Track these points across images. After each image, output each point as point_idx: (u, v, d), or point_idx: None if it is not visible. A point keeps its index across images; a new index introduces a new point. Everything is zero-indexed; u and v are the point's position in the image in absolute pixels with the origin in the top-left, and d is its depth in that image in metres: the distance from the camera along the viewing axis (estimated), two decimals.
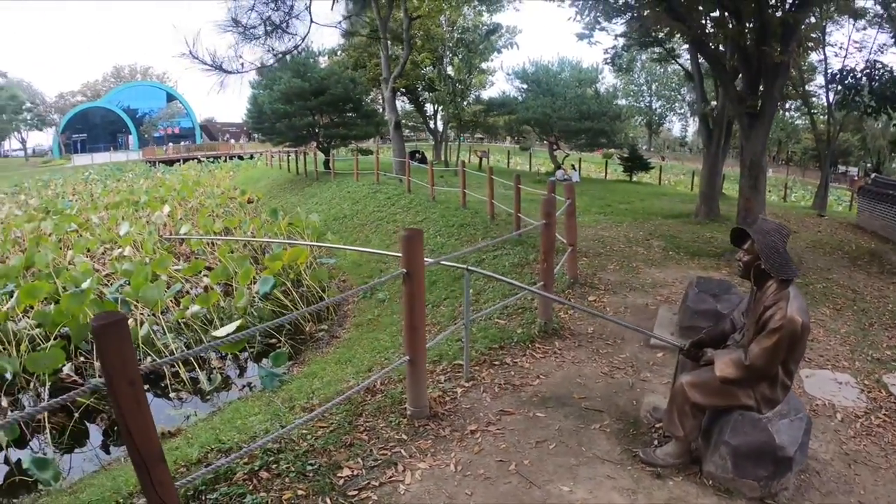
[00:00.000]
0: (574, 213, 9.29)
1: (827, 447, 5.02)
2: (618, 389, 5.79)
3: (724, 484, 4.21)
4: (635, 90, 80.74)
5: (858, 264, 12.60)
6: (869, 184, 22.59)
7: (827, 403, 5.79)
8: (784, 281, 3.95)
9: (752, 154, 11.57)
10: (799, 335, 3.87)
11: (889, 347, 7.66)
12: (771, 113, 11.52)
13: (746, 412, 4.17)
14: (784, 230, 4.09)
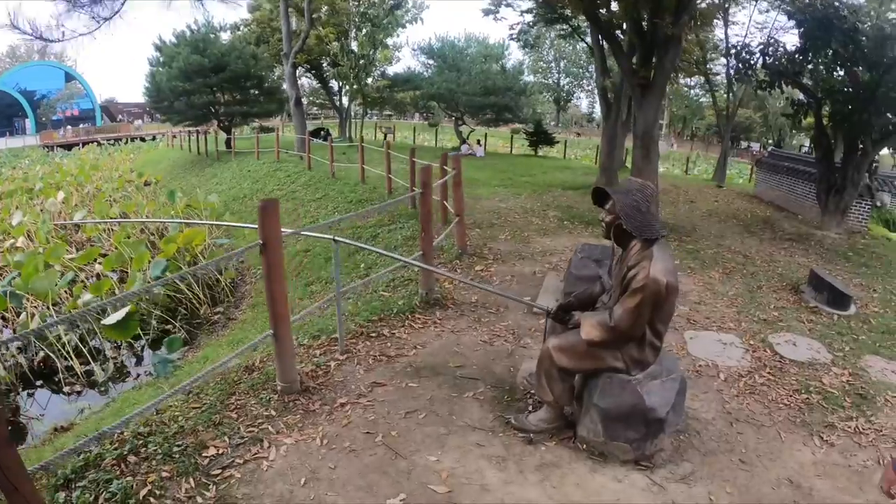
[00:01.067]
0: (460, 183, 9.18)
1: (709, 407, 5.04)
2: (496, 357, 5.70)
3: (598, 448, 4.16)
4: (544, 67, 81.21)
5: (752, 231, 12.99)
6: (766, 157, 23.42)
7: (710, 364, 5.84)
8: (648, 241, 3.84)
9: (645, 125, 11.68)
10: (663, 295, 3.77)
11: (776, 308, 7.83)
12: (662, 85, 11.63)
13: (615, 374, 4.08)
14: (647, 189, 3.98)
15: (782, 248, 11.66)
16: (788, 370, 5.96)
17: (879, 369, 6.45)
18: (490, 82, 36.40)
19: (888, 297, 9.40)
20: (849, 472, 4.43)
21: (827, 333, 7.19)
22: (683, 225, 12.64)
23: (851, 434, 4.99)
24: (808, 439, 4.77)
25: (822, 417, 5.15)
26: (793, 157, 20.30)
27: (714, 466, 4.24)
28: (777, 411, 5.08)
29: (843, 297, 8.10)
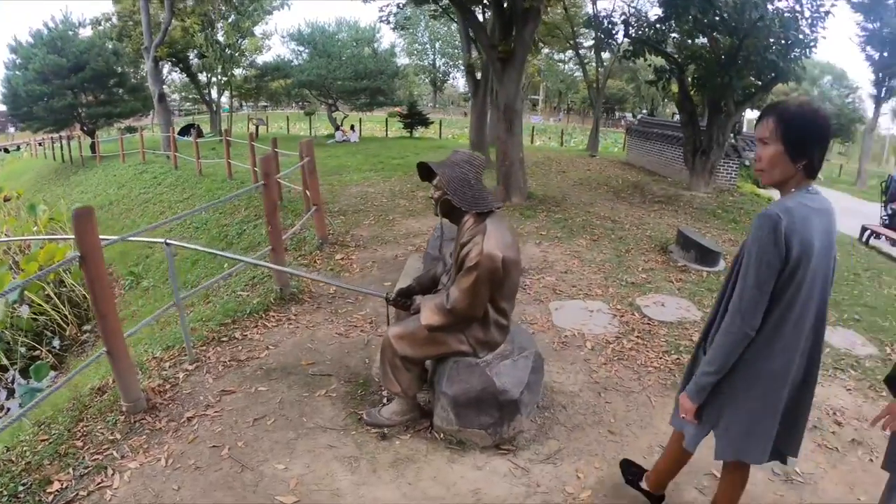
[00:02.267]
0: (314, 171, 8.81)
1: (576, 378, 4.88)
2: (351, 349, 5.38)
3: (454, 436, 3.92)
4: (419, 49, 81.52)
5: (622, 196, 13.19)
6: (636, 124, 24.05)
7: (577, 333, 5.68)
8: (481, 215, 3.62)
9: (506, 98, 11.61)
10: (500, 271, 3.53)
11: (644, 271, 7.82)
12: (522, 58, 11.57)
13: (462, 359, 3.84)
14: (476, 160, 3.75)
15: (652, 211, 11.85)
16: (657, 332, 5.90)
17: None
18: (362, 66, 35.97)
19: None
20: None
21: (696, 291, 7.22)
22: (553, 195, 12.63)
23: None
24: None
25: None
26: (661, 123, 21.00)
27: (581, 441, 4.06)
28: (646, 375, 4.97)
29: (711, 254, 8.19)
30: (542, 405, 4.38)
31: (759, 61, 12.71)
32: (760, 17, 11.91)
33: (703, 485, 3.73)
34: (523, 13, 10.95)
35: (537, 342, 5.31)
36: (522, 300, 6.42)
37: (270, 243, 6.62)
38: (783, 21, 12.21)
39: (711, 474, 3.81)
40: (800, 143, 2.35)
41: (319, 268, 7.76)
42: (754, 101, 14.24)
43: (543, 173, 16.44)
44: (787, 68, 12.72)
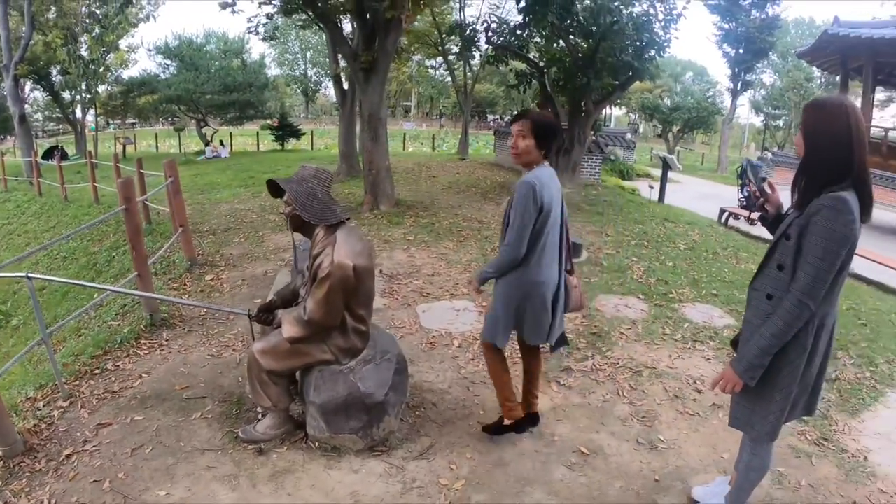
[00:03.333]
0: (179, 191, 8.62)
1: (445, 376, 5.03)
2: (224, 370, 5.34)
3: (328, 443, 3.98)
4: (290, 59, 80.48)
5: (489, 197, 13.53)
6: (503, 126, 24.62)
7: (444, 333, 5.83)
8: (331, 226, 3.74)
9: (370, 107, 11.70)
10: (352, 279, 3.65)
11: None
12: (385, 67, 11.68)
13: (327, 367, 3.93)
14: (323, 174, 3.84)
15: None
16: None
17: (613, 306, 6.90)
18: (231, 79, 35.38)
19: (620, 238, 10.14)
20: (589, 410, 4.62)
21: None
22: (422, 201, 12.78)
23: (588, 373, 5.24)
24: (546, 387, 4.90)
25: (558, 363, 5.34)
26: None
27: (453, 435, 4.21)
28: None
29: (574, 246, 8.47)
30: (412, 404, 4.51)
31: (615, 62, 13.34)
32: (615, 21, 12.52)
33: (572, 461, 3.97)
34: (385, 23, 11.07)
35: (406, 345, 5.47)
36: (391, 305, 6.54)
37: (136, 269, 6.47)
38: (637, 24, 12.88)
39: (579, 451, 4.06)
40: (543, 137, 3.64)
41: (189, 290, 7.61)
42: (612, 99, 14.97)
43: (414, 179, 16.59)
44: (642, 68, 13.44)
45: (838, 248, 2.51)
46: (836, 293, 2.71)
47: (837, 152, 2.55)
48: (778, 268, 2.74)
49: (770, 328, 2.67)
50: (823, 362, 2.89)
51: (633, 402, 4.82)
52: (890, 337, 7.54)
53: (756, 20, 34.20)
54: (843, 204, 2.49)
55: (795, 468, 4.21)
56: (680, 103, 46.28)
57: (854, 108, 2.58)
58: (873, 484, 4.17)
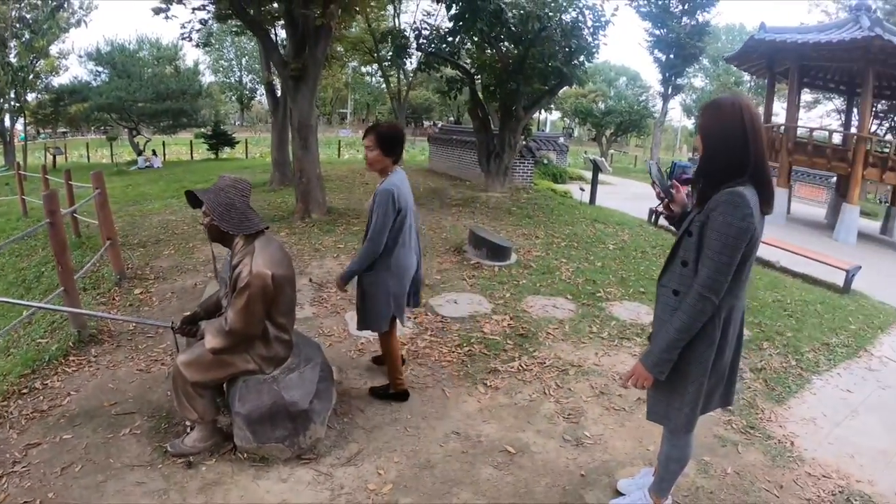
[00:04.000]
0: (106, 203, 8.46)
1: (373, 382, 5.08)
2: (153, 384, 5.26)
3: (256, 453, 3.97)
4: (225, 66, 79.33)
5: (422, 203, 13.58)
6: (437, 132, 24.79)
7: (373, 339, 5.80)
8: (249, 236, 3.77)
9: (300, 115, 11.64)
10: (272, 288, 3.68)
11: (439, 272, 8.14)
12: (315, 75, 11.65)
13: (251, 377, 3.93)
14: (241, 184, 3.85)
15: (450, 215, 12.28)
16: (450, 328, 6.21)
17: (540, 307, 7.02)
18: (164, 86, 34.77)
19: (549, 240, 10.31)
20: (515, 410, 4.70)
21: (488, 285, 7.64)
22: (354, 208, 12.76)
23: (515, 373, 5.33)
24: (472, 389, 4.98)
25: (484, 365, 5.42)
26: (460, 130, 21.86)
27: (380, 440, 4.24)
28: (440, 370, 5.23)
29: (502, 249, 8.69)
30: (340, 411, 4.52)
31: (544, 68, 13.54)
32: (543, 28, 12.72)
33: (499, 461, 4.03)
34: (315, 31, 11.05)
35: (335, 352, 5.48)
36: (320, 314, 6.53)
37: (62, 284, 6.36)
38: (565, 31, 13.12)
39: (505, 451, 4.13)
40: (388, 146, 4.35)
41: (118, 304, 7.44)
42: (542, 105, 15.22)
43: (347, 186, 16.54)
44: (571, 73, 13.64)
45: (736, 241, 2.59)
46: (740, 285, 2.80)
47: (733, 150, 2.65)
48: (682, 264, 2.82)
49: (675, 323, 2.75)
50: (735, 353, 3.00)
51: (560, 401, 4.91)
52: (815, 326, 7.88)
53: (686, 26, 35.54)
54: (739, 198, 2.58)
55: (722, 457, 4.35)
56: (613, 107, 47.21)
57: (748, 106, 2.67)
58: (800, 468, 4.36)
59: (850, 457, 4.73)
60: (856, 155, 19.16)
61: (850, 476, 4.42)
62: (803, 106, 53.71)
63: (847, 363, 6.97)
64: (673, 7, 35.87)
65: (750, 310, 8.19)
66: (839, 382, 6.31)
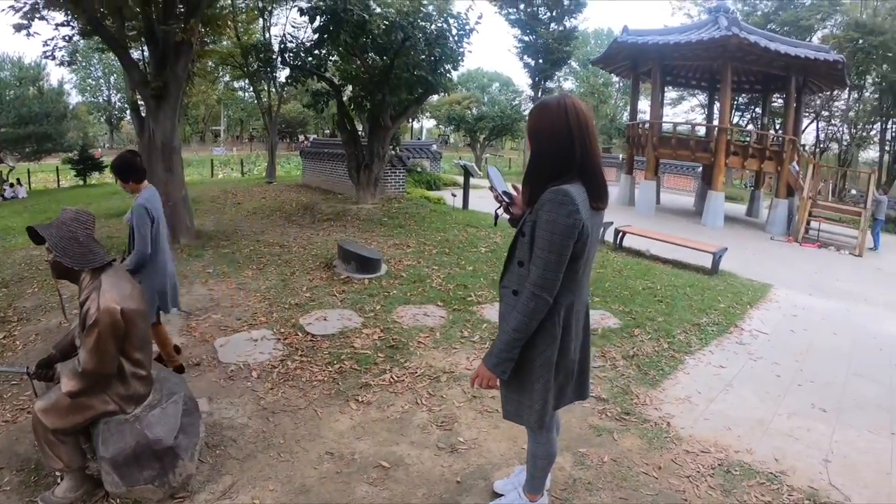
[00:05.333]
0: None
1: (245, 409, 4.97)
2: (19, 435, 4.94)
3: (127, 497, 3.82)
4: (93, 85, 76.07)
5: (293, 219, 13.51)
6: (308, 146, 24.67)
7: (242, 365, 5.77)
8: (96, 270, 3.64)
9: (163, 136, 11.33)
10: (121, 323, 3.54)
11: (309, 290, 8.12)
12: (177, 93, 11.35)
13: (112, 418, 3.79)
14: (83, 216, 3.72)
15: (321, 230, 12.28)
16: (320, 346, 6.19)
17: (411, 316, 7.13)
18: (26, 109, 33.09)
19: (421, 248, 10.46)
20: (388, 423, 4.73)
21: (358, 299, 7.69)
22: (225, 230, 12.52)
23: (387, 386, 5.36)
24: (344, 407, 4.98)
25: (356, 380, 5.44)
26: (332, 143, 21.79)
27: (254, 469, 4.18)
28: (311, 390, 5.21)
29: (371, 262, 8.77)
30: (211, 443, 4.43)
31: (409, 78, 13.68)
32: (407, 38, 12.85)
33: (374, 477, 4.05)
34: (176, 47, 10.79)
35: (205, 382, 5.39)
36: (188, 343, 6.36)
37: None
38: (429, 40, 13.29)
39: (380, 466, 4.16)
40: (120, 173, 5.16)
41: None
42: (409, 114, 15.40)
43: (219, 207, 16.19)
44: (437, 82, 13.88)
45: (563, 239, 2.64)
46: (578, 281, 2.87)
47: (558, 148, 2.70)
48: (518, 264, 2.88)
49: (511, 322, 2.80)
50: (584, 348, 3.10)
51: (432, 409, 4.98)
52: (685, 309, 8.32)
53: (554, 32, 36.94)
54: (563, 196, 2.62)
55: (597, 446, 4.51)
56: (485, 113, 48.05)
57: (574, 105, 2.71)
58: (678, 447, 4.59)
59: (728, 429, 5.04)
60: (717, 145, 20.50)
61: (728, 448, 4.69)
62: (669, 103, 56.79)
63: (718, 340, 7.43)
64: (541, 14, 37.14)
65: (620, 299, 8.58)
66: (711, 360, 6.72)
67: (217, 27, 15.32)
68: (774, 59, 19.71)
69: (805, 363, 7.01)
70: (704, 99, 34.07)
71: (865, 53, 37.18)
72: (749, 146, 21.39)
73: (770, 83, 24.85)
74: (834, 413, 5.68)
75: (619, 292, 8.91)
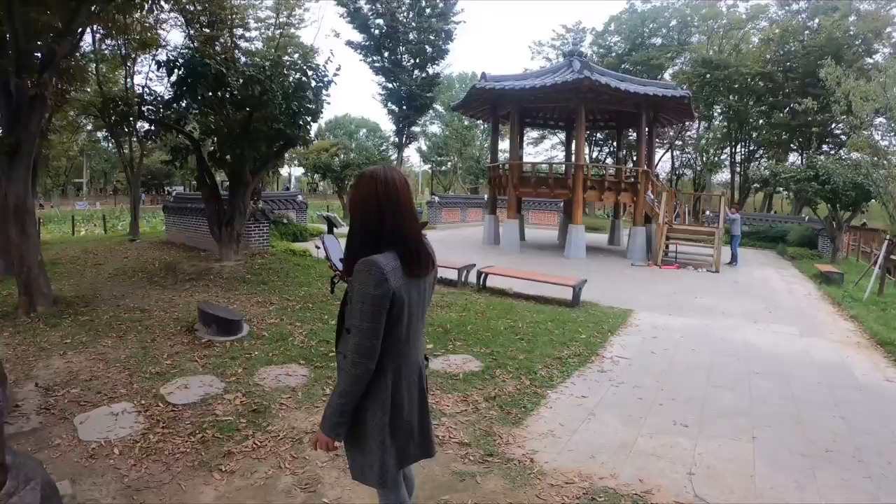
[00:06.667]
0: None
1: (108, 489, 4.81)
2: None
3: None
4: None
5: (155, 281, 13.13)
6: (171, 201, 24.14)
7: (104, 442, 5.59)
8: None
9: (16, 197, 10.74)
10: None
11: (170, 356, 7.97)
12: (30, 150, 10.87)
13: None
14: None
15: (183, 291, 12.06)
16: (182, 416, 6.10)
17: (273, 377, 7.15)
18: None
19: (284, 305, 10.46)
20: (253, 491, 4.70)
21: (220, 363, 7.64)
22: (84, 294, 11.99)
23: (250, 452, 5.34)
24: (208, 478, 4.92)
25: (219, 449, 5.39)
26: (195, 198, 21.44)
27: None
28: (175, 463, 5.13)
29: (232, 323, 8.74)
30: None
31: (268, 131, 13.67)
32: (265, 91, 12.88)
33: None
34: (30, 101, 10.35)
35: (66, 463, 5.15)
36: (47, 422, 6.09)
37: None
38: (286, 93, 13.37)
39: None
40: None
41: None
42: (269, 167, 15.41)
43: (79, 270, 15.49)
44: (295, 135, 13.95)
45: (375, 308, 2.75)
46: (402, 345, 2.97)
47: (368, 221, 2.84)
48: (347, 331, 2.97)
49: (338, 388, 2.92)
50: (421, 409, 3.20)
51: (296, 472, 5.01)
52: (546, 344, 8.66)
53: (418, 79, 37.79)
54: (371, 266, 2.73)
55: (461, 492, 4.63)
56: (351, 160, 48.19)
57: (386, 178, 2.84)
58: (542, 482, 4.78)
59: (591, 457, 5.30)
60: (575, 181, 21.54)
61: (592, 476, 4.94)
62: (530, 142, 59.20)
63: (580, 371, 7.78)
64: (405, 62, 38.19)
65: (482, 340, 8.82)
66: (574, 391, 7.04)
67: (75, 78, 14.89)
68: (625, 98, 21.05)
69: (666, 382, 7.50)
70: (563, 137, 35.53)
71: (713, 87, 40.50)
72: (605, 180, 22.57)
73: (624, 119, 26.42)
74: (695, 426, 6.12)
75: (481, 334, 9.21)
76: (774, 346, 9.59)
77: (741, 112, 42.01)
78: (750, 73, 39.36)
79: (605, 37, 52.45)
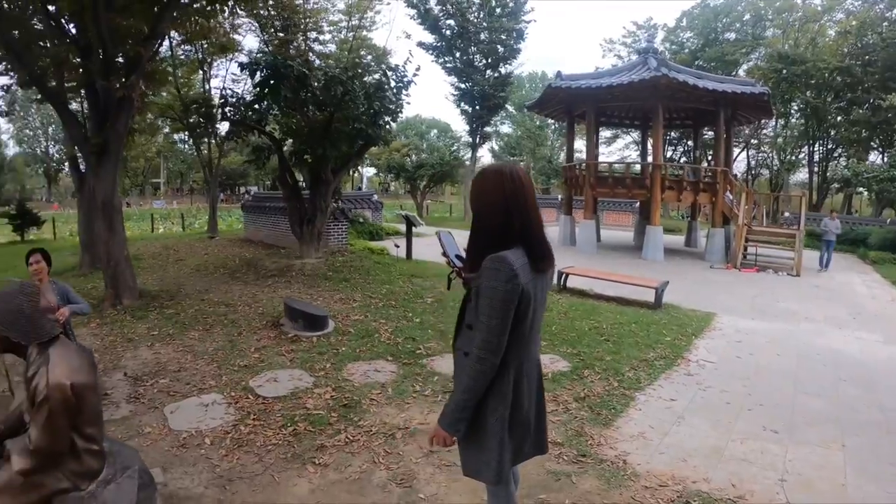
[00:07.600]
0: None
1: (200, 478, 4.83)
2: None
3: None
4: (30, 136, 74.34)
5: (237, 276, 13.37)
6: (249, 200, 24.47)
7: (195, 432, 5.64)
8: (43, 343, 3.53)
9: (104, 194, 11.01)
10: (72, 399, 3.42)
11: (257, 350, 8.05)
12: (118, 150, 11.15)
13: (66, 496, 3.62)
14: (28, 288, 3.60)
15: (266, 287, 12.19)
16: (273, 408, 6.12)
17: (362, 373, 7.11)
18: None
19: (367, 302, 10.44)
20: (347, 485, 4.66)
21: (308, 358, 7.65)
22: (169, 289, 12.24)
23: (342, 446, 5.31)
24: (301, 470, 4.90)
25: (311, 442, 5.37)
26: (273, 197, 21.69)
27: None
28: (267, 455, 5.14)
29: (318, 319, 8.74)
30: None
31: (349, 131, 13.72)
32: (347, 92, 12.94)
33: None
34: (117, 103, 10.65)
35: (157, 451, 5.23)
36: (137, 411, 6.19)
37: None
38: (368, 93, 13.41)
39: None
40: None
41: None
42: (350, 167, 15.48)
43: (161, 265, 15.89)
44: (376, 135, 13.99)
45: (504, 304, 2.69)
46: (525, 342, 2.91)
47: (495, 217, 2.77)
48: (468, 327, 2.93)
49: (461, 384, 2.86)
50: (538, 405, 3.13)
51: (391, 467, 4.95)
52: (631, 346, 8.47)
53: (490, 79, 37.61)
54: (500, 263, 2.68)
55: (557, 491, 4.53)
56: (425, 160, 48.47)
57: (512, 174, 2.78)
58: (636, 484, 4.65)
59: (683, 461, 5.14)
60: (653, 182, 20.97)
61: (685, 479, 4.79)
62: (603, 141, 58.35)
63: (667, 374, 7.57)
64: (477, 62, 37.94)
65: (568, 341, 8.67)
66: (662, 393, 6.85)
67: (157, 81, 15.22)
68: (703, 96, 20.49)
69: (753, 387, 7.24)
70: (638, 136, 34.92)
71: (789, 83, 39.01)
72: (683, 180, 22.03)
73: (700, 118, 25.73)
74: (785, 433, 5.89)
75: (566, 335, 9.05)
76: (860, 353, 9.20)
77: (819, 109, 40.23)
78: (827, 67, 37.65)
79: (677, 33, 51.38)
